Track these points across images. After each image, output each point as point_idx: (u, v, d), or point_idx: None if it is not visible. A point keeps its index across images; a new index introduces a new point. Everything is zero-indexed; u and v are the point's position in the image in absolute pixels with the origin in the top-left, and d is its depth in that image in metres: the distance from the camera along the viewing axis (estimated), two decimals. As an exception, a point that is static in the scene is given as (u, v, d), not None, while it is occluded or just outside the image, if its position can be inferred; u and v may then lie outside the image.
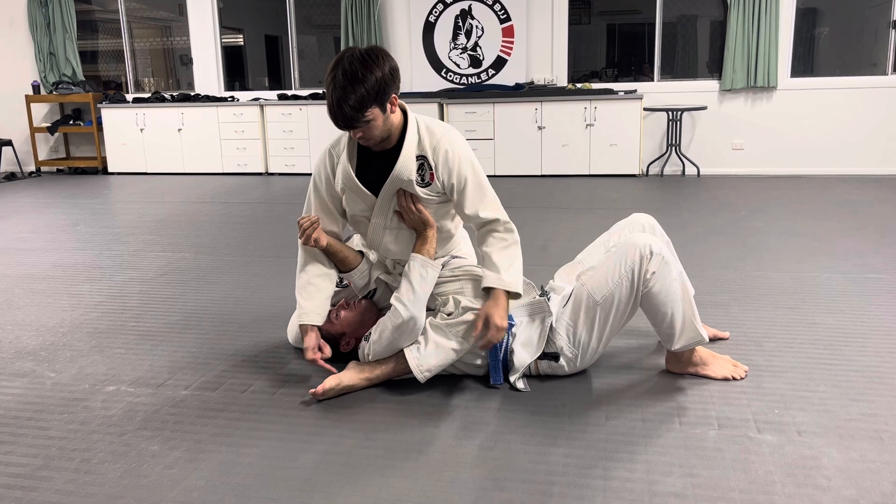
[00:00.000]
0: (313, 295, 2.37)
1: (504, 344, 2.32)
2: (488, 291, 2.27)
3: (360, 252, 2.53)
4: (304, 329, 2.35)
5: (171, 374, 2.51)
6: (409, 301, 2.24)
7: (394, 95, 2.18)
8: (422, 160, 2.30)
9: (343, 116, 2.09)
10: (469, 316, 2.26)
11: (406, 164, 2.27)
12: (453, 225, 2.53)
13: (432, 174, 2.31)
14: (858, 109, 7.13)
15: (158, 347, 2.78)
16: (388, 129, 2.22)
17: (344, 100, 2.08)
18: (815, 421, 2.06)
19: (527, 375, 2.36)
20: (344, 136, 2.36)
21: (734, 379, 2.33)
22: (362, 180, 2.33)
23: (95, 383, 2.45)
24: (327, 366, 2.31)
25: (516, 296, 2.28)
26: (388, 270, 2.55)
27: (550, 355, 2.33)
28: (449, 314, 2.30)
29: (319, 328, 2.45)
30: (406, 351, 2.27)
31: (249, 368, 2.55)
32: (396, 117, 2.26)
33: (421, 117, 2.35)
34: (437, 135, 2.31)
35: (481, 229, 2.35)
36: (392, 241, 2.43)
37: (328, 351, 2.35)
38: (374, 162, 2.33)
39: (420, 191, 2.31)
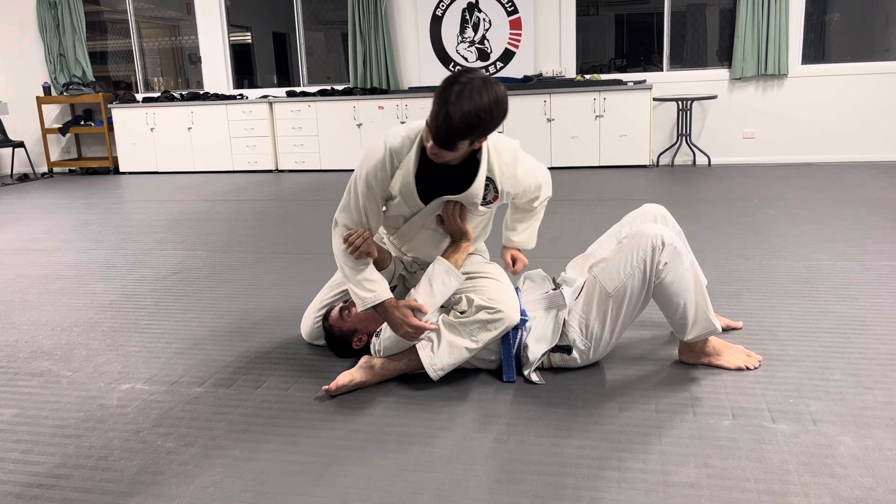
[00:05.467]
0: (373, 285, 2.28)
1: (517, 339, 2.32)
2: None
3: (389, 252, 2.51)
4: (387, 306, 2.26)
5: (185, 372, 2.52)
6: (425, 303, 2.25)
7: (484, 137, 2.11)
8: (489, 182, 2.28)
9: (447, 138, 2.00)
10: (483, 315, 2.25)
11: (477, 191, 2.26)
12: (486, 234, 2.59)
13: (496, 196, 2.32)
14: (871, 96, 7.06)
15: (172, 345, 2.80)
16: (461, 157, 2.17)
17: (453, 131, 1.99)
18: (831, 409, 2.05)
19: (540, 368, 2.36)
20: (408, 141, 2.23)
21: (748, 368, 2.32)
22: (419, 188, 2.26)
23: (111, 381, 2.47)
24: (430, 325, 2.25)
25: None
26: (406, 268, 2.55)
27: (563, 348, 2.33)
28: (462, 312, 2.29)
29: (331, 325, 2.47)
30: (419, 349, 2.28)
31: (263, 365, 2.56)
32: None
33: (490, 136, 2.25)
34: (504, 156, 2.29)
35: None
36: (424, 240, 2.42)
37: (426, 308, 2.28)
38: (436, 173, 2.25)
39: (482, 209, 2.33)
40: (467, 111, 1.96)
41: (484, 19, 7.79)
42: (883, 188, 5.57)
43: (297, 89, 8.48)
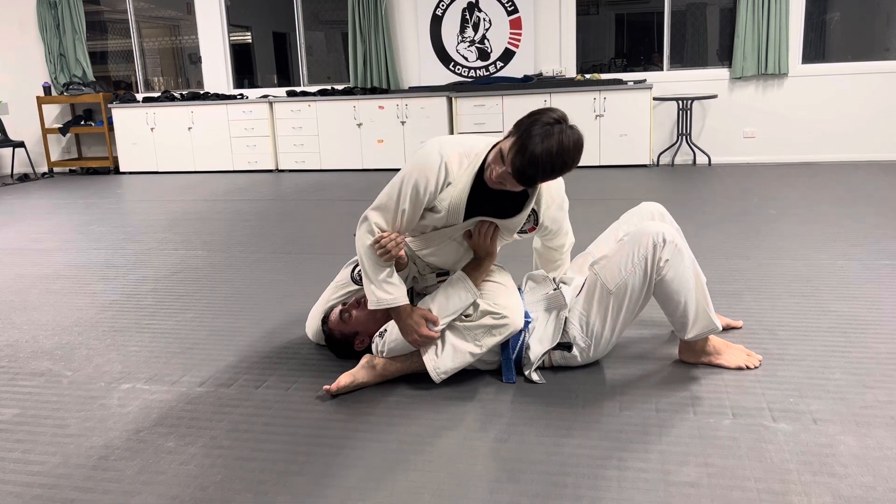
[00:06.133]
0: (393, 288, 2.25)
1: (519, 341, 2.32)
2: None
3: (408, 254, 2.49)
4: (401, 312, 2.24)
5: (186, 371, 2.53)
6: (437, 311, 2.25)
7: None
8: (532, 214, 2.30)
9: (532, 181, 2.02)
10: (488, 320, 2.25)
11: (521, 220, 2.28)
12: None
13: (533, 227, 2.34)
14: (871, 95, 7.05)
15: (173, 345, 2.80)
16: None
17: (550, 173, 2.01)
18: (831, 409, 2.05)
19: (540, 367, 2.36)
20: (465, 159, 2.18)
21: (748, 368, 2.32)
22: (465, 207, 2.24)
23: (111, 381, 2.47)
24: (436, 335, 2.24)
25: None
26: (420, 271, 2.51)
27: (563, 345, 2.33)
28: (467, 316, 2.29)
29: (331, 328, 2.46)
30: (422, 351, 2.28)
31: (263, 364, 2.56)
32: None
33: None
34: (553, 192, 2.33)
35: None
36: (446, 250, 2.38)
37: (440, 320, 2.26)
38: (485, 194, 2.20)
39: (515, 236, 2.36)
40: (555, 152, 1.96)
41: (484, 19, 7.79)
42: (883, 187, 5.57)
43: (298, 89, 8.49)
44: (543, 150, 1.95)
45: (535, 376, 2.30)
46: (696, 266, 2.25)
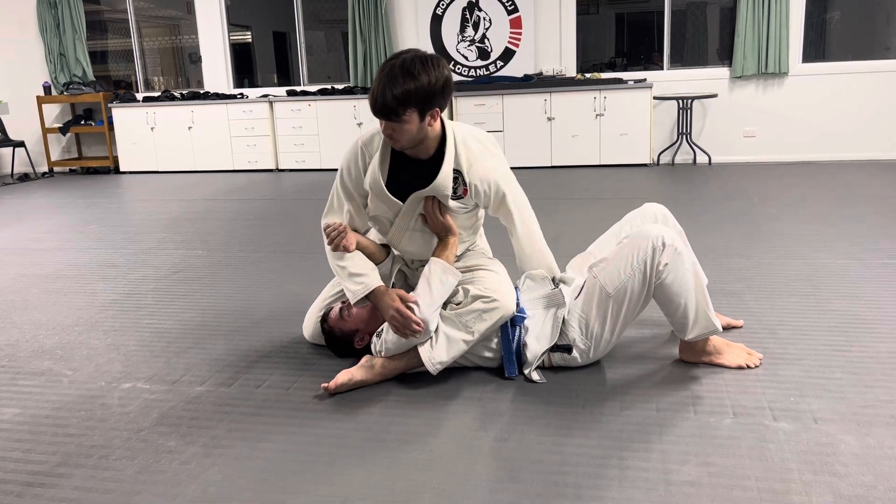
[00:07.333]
0: (362, 277, 2.31)
1: (516, 335, 2.32)
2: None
3: (384, 246, 2.52)
4: (377, 293, 2.28)
5: (187, 371, 2.53)
6: (425, 304, 2.25)
7: (437, 109, 2.17)
8: (457, 174, 2.30)
9: (383, 103, 2.08)
10: (478, 304, 2.26)
11: (444, 182, 2.27)
12: (476, 234, 2.58)
13: (465, 189, 2.32)
14: (872, 94, 7.05)
15: (173, 344, 2.80)
16: (419, 138, 2.20)
17: (389, 87, 2.07)
18: (832, 408, 2.05)
19: (540, 367, 2.36)
20: (378, 135, 2.31)
21: (749, 367, 2.32)
22: (391, 185, 2.31)
23: (112, 381, 2.47)
24: (415, 318, 2.22)
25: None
26: (407, 264, 2.56)
27: (563, 347, 2.33)
28: (458, 304, 2.30)
29: (331, 327, 2.46)
30: (419, 346, 2.28)
31: (263, 364, 2.56)
32: (434, 130, 2.23)
33: (458, 128, 2.33)
34: (473, 151, 2.31)
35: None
36: (412, 242, 2.43)
37: (413, 298, 2.27)
38: (406, 168, 2.30)
39: (452, 203, 2.33)
40: (397, 66, 2.08)
41: (484, 18, 7.79)
42: (884, 186, 5.57)
43: (298, 88, 8.48)
44: (382, 73, 2.10)
45: (535, 376, 2.30)
46: (696, 268, 2.25)
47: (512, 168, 2.44)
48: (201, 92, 8.52)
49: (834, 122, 7.18)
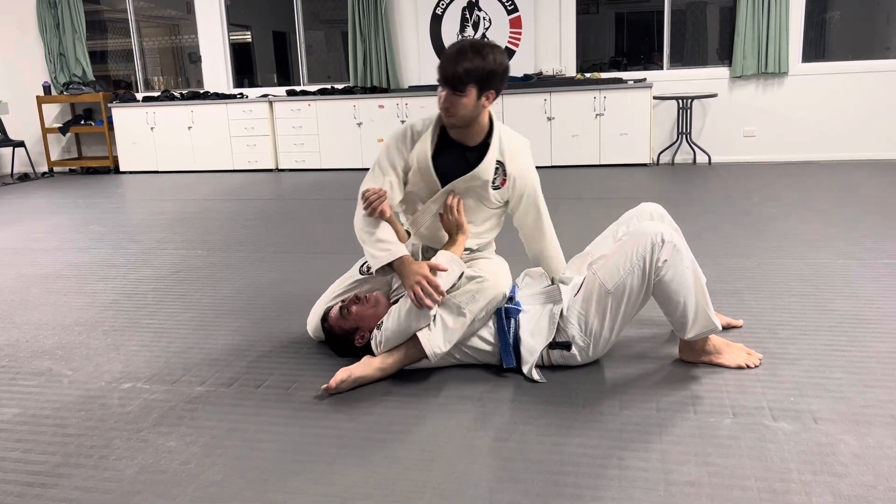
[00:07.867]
0: (389, 245, 2.35)
1: (512, 328, 2.33)
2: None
3: (407, 231, 2.57)
4: (404, 261, 2.31)
5: (187, 371, 2.53)
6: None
7: (493, 91, 2.30)
8: (499, 165, 2.40)
9: (453, 74, 2.21)
10: (470, 285, 2.32)
11: (488, 167, 2.37)
12: (494, 234, 2.62)
13: (504, 180, 2.41)
14: (872, 94, 7.05)
15: (173, 344, 2.80)
16: (472, 116, 2.31)
17: (459, 61, 2.21)
18: (831, 408, 2.05)
19: (539, 366, 2.36)
20: (428, 122, 2.44)
21: (748, 367, 2.32)
22: (435, 165, 2.41)
23: (112, 381, 2.47)
24: (441, 288, 2.26)
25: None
26: (423, 254, 2.58)
27: (562, 344, 2.33)
28: (454, 287, 2.35)
29: (331, 325, 2.47)
30: (419, 334, 2.29)
31: (263, 364, 2.56)
32: (485, 115, 2.36)
33: (502, 126, 2.46)
34: (515, 146, 2.44)
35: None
36: (433, 226, 2.51)
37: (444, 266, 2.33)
38: (452, 152, 2.41)
39: (492, 193, 2.41)
40: (468, 44, 2.24)
41: (484, 18, 7.79)
42: (883, 186, 5.57)
43: (298, 88, 8.48)
44: (456, 45, 2.26)
45: (535, 375, 2.30)
46: (695, 266, 2.25)
47: (512, 168, 2.46)
48: (201, 92, 8.52)
49: (834, 122, 7.18)
